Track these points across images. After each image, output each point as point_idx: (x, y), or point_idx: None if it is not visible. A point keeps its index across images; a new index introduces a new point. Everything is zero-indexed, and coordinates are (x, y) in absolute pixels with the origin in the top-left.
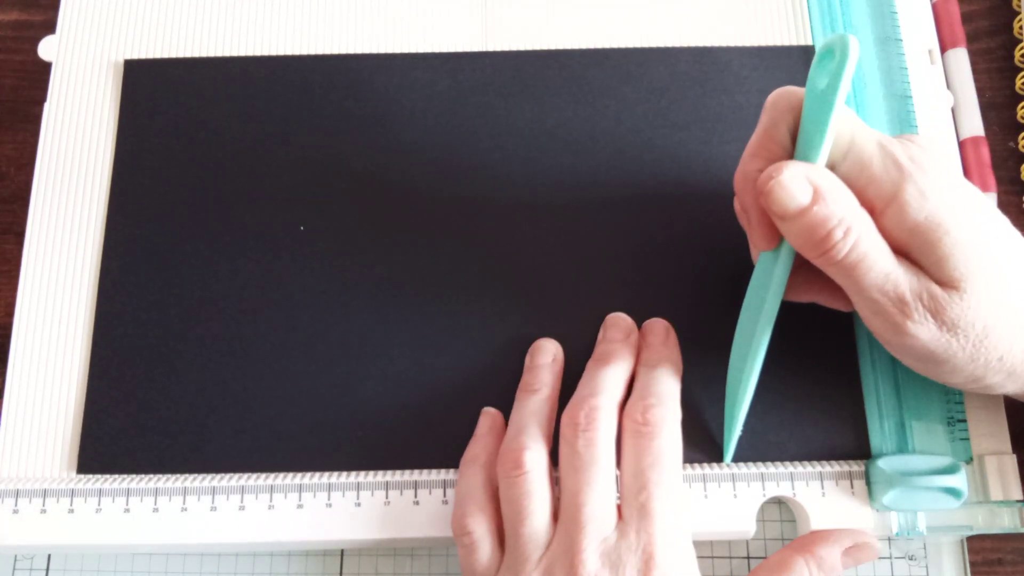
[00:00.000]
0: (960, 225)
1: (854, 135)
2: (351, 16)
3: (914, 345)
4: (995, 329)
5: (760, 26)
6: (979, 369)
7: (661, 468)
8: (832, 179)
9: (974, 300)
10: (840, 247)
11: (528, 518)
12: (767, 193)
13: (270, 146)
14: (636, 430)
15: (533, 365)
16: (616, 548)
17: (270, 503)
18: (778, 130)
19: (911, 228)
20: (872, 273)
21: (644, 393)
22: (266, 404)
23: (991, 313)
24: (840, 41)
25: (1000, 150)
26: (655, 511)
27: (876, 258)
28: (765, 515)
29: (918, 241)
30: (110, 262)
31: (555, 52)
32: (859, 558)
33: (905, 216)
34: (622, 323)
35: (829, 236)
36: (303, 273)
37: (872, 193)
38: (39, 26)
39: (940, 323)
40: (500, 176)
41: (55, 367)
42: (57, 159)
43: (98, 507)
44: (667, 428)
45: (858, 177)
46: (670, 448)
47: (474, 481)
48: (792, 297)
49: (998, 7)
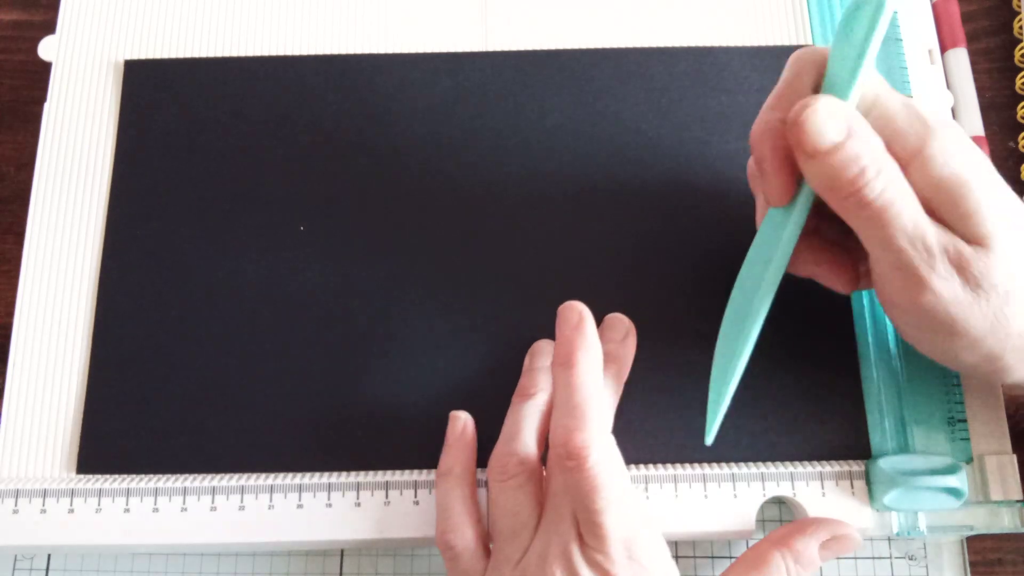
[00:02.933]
0: (985, 183)
1: (878, 94)
2: (351, 16)
3: (934, 307)
4: (1017, 295)
5: (760, 26)
6: (998, 344)
7: (599, 496)
8: (863, 120)
9: (1000, 258)
10: (874, 186)
11: (513, 522)
12: (800, 124)
13: (270, 146)
14: (563, 465)
15: (531, 368)
16: (579, 560)
17: (270, 503)
18: (801, 82)
19: (936, 183)
20: (903, 217)
21: (562, 412)
22: (266, 404)
23: (1016, 275)
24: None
25: (1000, 150)
26: (608, 537)
27: (906, 201)
28: (765, 515)
29: (943, 196)
30: (110, 262)
31: (555, 52)
32: (838, 550)
33: (931, 170)
34: (619, 324)
35: (863, 174)
36: (303, 273)
37: (898, 147)
38: (39, 26)
39: (965, 279)
40: (500, 176)
41: (55, 367)
42: (57, 159)
43: (98, 507)
44: (595, 451)
45: (883, 130)
46: (604, 470)
47: (452, 495)
48: (793, 268)
49: (998, 7)
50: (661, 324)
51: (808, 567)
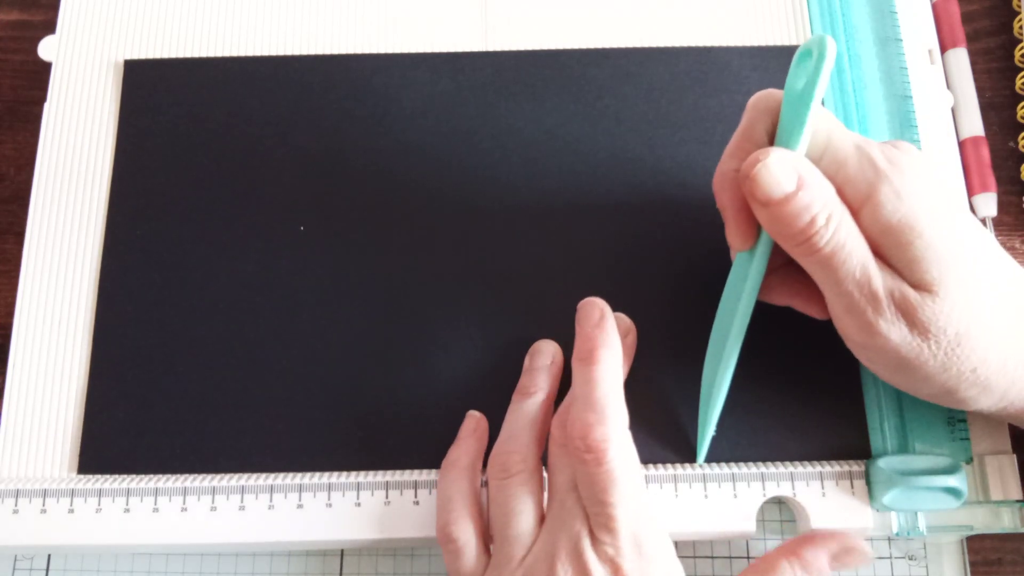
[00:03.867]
0: (935, 228)
1: (831, 136)
2: (351, 16)
3: (885, 348)
4: (968, 337)
5: (760, 26)
6: (951, 380)
7: (615, 490)
8: (813, 168)
9: (947, 304)
10: (822, 234)
11: (515, 520)
12: (753, 177)
13: (270, 146)
14: (581, 458)
15: (531, 367)
16: (589, 555)
17: (270, 503)
18: (755, 131)
19: (884, 228)
20: (849, 264)
21: (582, 406)
22: (266, 404)
23: (965, 319)
24: (818, 42)
25: (1000, 150)
26: (620, 531)
27: (854, 247)
28: (765, 515)
29: (891, 242)
30: (110, 262)
31: (555, 52)
32: (847, 562)
33: (879, 216)
34: (620, 323)
35: (812, 223)
36: (303, 273)
37: (848, 193)
38: (39, 26)
39: (911, 325)
40: (500, 176)
41: (55, 367)
42: (57, 159)
43: (98, 507)
44: (613, 447)
45: (834, 176)
46: (620, 465)
47: (456, 486)
48: (768, 298)
49: (998, 7)
50: (661, 323)
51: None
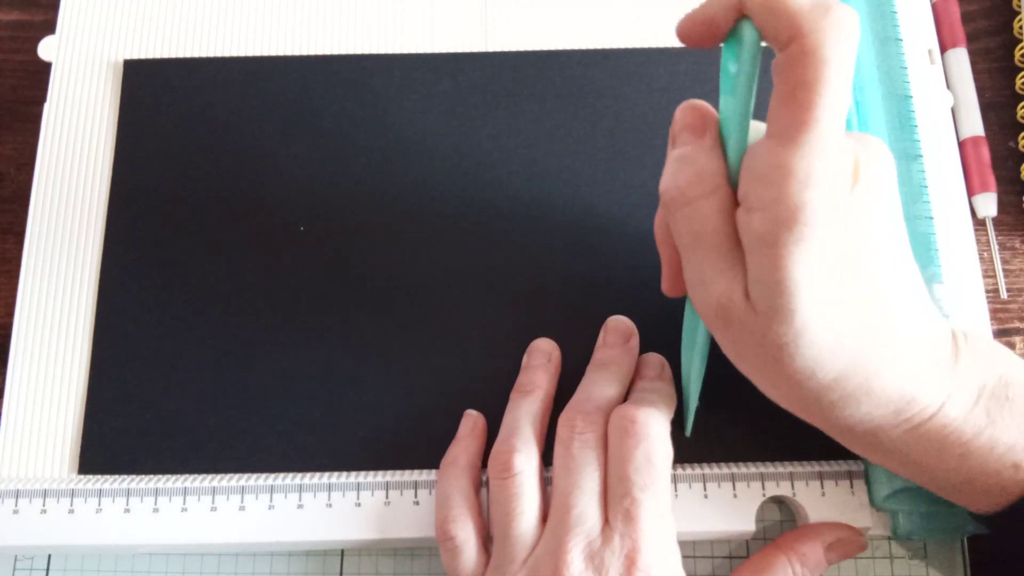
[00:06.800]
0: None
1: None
2: (351, 16)
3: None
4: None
5: None
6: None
7: (646, 472)
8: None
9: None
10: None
11: (516, 519)
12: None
13: (270, 146)
14: (624, 427)
15: (529, 366)
16: (600, 551)
17: (270, 503)
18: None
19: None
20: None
21: (635, 399)
22: (266, 404)
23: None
24: (739, 28)
25: (1000, 150)
26: (639, 516)
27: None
28: (765, 515)
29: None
30: (110, 262)
31: (555, 52)
32: (844, 553)
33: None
34: (623, 327)
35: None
36: (303, 273)
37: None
38: (39, 26)
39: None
40: (500, 176)
41: (55, 367)
42: (57, 159)
43: (98, 507)
44: (655, 431)
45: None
46: (657, 451)
47: (455, 484)
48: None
49: (998, 7)
50: (661, 325)
51: (815, 570)
